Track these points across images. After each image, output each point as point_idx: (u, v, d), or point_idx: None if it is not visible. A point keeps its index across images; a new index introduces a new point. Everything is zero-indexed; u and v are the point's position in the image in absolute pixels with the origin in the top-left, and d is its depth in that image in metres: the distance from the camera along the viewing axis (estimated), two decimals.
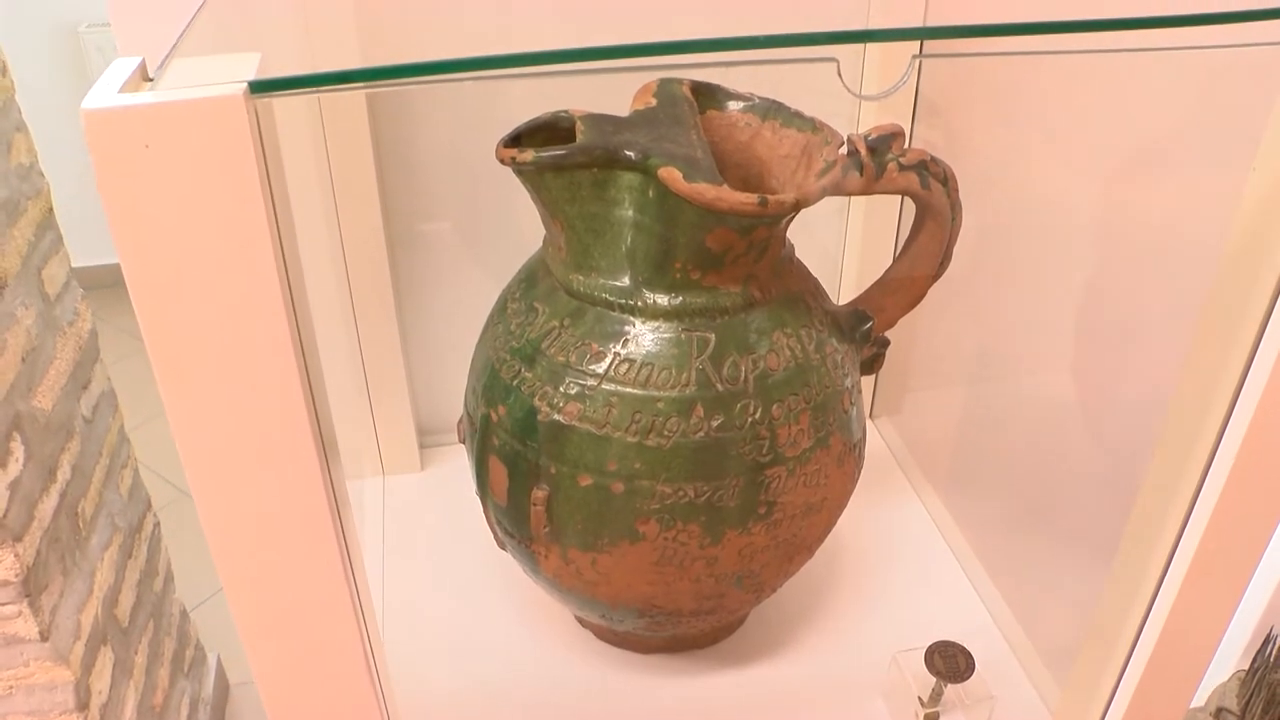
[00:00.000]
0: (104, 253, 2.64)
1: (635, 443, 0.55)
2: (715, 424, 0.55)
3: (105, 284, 1.40)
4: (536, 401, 0.58)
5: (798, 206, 0.53)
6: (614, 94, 0.60)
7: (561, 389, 0.57)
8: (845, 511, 0.81)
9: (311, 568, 0.42)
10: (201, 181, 0.29)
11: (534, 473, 0.58)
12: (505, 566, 0.76)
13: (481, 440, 0.62)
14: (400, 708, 0.53)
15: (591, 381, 0.56)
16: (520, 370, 0.59)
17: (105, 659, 1.25)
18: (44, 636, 1.10)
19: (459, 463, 0.75)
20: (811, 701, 0.72)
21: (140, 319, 0.32)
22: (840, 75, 0.35)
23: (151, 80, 0.29)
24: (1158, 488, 0.55)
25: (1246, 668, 1.40)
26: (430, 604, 0.78)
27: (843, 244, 0.89)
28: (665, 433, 0.55)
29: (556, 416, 0.57)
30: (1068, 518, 0.73)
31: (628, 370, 0.55)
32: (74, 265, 1.25)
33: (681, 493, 0.56)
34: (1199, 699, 1.50)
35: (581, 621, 0.75)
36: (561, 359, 0.57)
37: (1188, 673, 0.59)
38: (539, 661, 0.74)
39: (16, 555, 1.03)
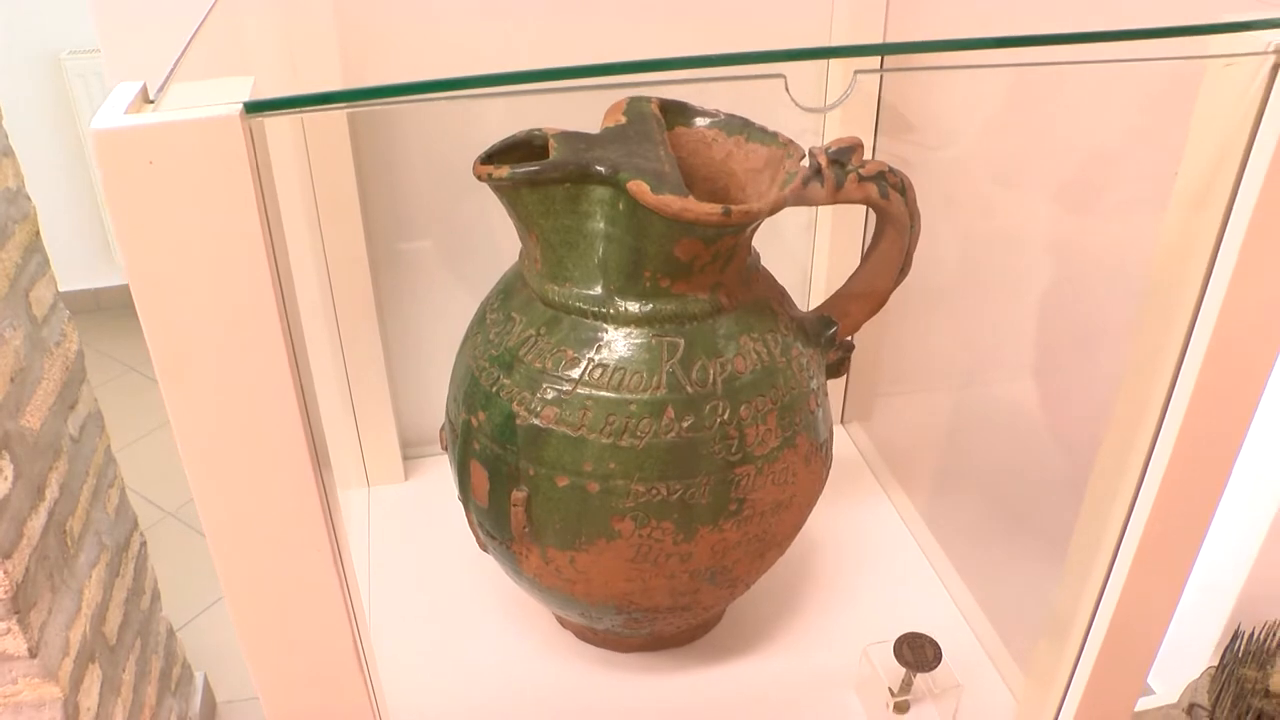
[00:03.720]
0: (86, 277, 2.66)
1: (610, 444, 0.58)
2: (686, 425, 0.58)
3: (88, 309, 1.42)
4: (515, 406, 0.60)
5: (760, 216, 0.56)
6: (588, 112, 0.63)
7: (539, 394, 0.59)
8: (817, 513, 0.84)
9: (306, 567, 0.45)
10: (201, 195, 0.32)
11: (513, 475, 0.61)
12: (487, 571, 0.79)
13: (463, 446, 0.64)
14: (389, 706, 0.55)
15: (567, 386, 0.59)
16: (499, 377, 0.61)
17: (93, 676, 1.26)
18: (33, 653, 1.11)
19: (441, 472, 0.78)
20: (786, 696, 0.74)
21: (144, 323, 0.34)
22: (788, 90, 0.38)
23: (153, 102, 0.32)
24: (1102, 485, 0.58)
25: (1217, 664, 1.43)
26: (414, 606, 0.80)
27: (811, 253, 0.92)
28: (638, 434, 0.58)
29: (534, 420, 0.59)
30: (1031, 516, 0.76)
31: (601, 375, 0.58)
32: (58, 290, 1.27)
33: (655, 491, 0.59)
34: (1172, 696, 1.53)
35: (562, 622, 0.78)
36: (538, 365, 0.60)
37: (1138, 656, 0.61)
38: (521, 662, 0.76)
39: (5, 572, 1.05)
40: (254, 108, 0.31)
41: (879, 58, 0.80)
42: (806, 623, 0.80)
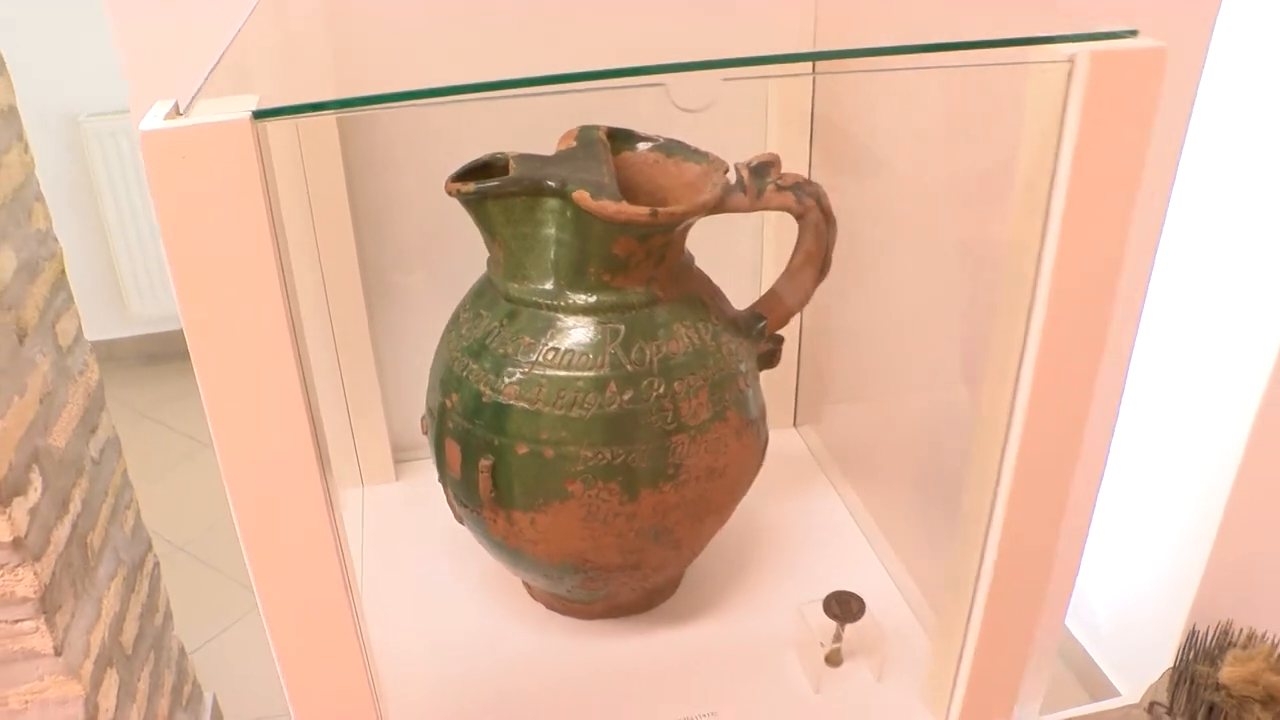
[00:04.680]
0: (102, 329, 2.78)
1: (561, 415, 0.68)
2: (626, 397, 0.68)
3: (103, 358, 1.53)
4: (482, 387, 0.70)
5: (681, 217, 0.66)
6: (544, 122, 0.74)
7: (502, 375, 0.70)
8: (768, 501, 0.94)
9: (314, 545, 0.55)
10: (220, 183, 0.42)
11: (481, 446, 0.71)
12: (466, 553, 0.88)
13: (439, 425, 0.75)
14: (380, 669, 0.65)
15: (525, 367, 0.69)
16: (469, 364, 0.72)
17: (111, 680, 1.35)
18: (58, 652, 1.20)
19: (428, 473, 0.87)
20: (732, 656, 0.83)
21: (176, 287, 0.45)
22: (670, 96, 0.49)
23: (183, 113, 0.43)
24: (980, 454, 0.67)
25: (1174, 664, 1.51)
26: (402, 585, 0.90)
27: (760, 260, 1.02)
28: (585, 406, 0.68)
29: (498, 398, 0.70)
30: (955, 496, 0.85)
31: (554, 357, 0.69)
32: None
33: (600, 456, 0.69)
34: (1135, 697, 1.61)
35: (533, 593, 0.87)
36: (501, 351, 0.70)
37: (1023, 599, 0.70)
38: (497, 632, 0.85)
39: (35, 574, 1.14)
40: (260, 115, 0.42)
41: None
42: (753, 593, 0.89)
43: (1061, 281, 0.57)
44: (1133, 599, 1.73)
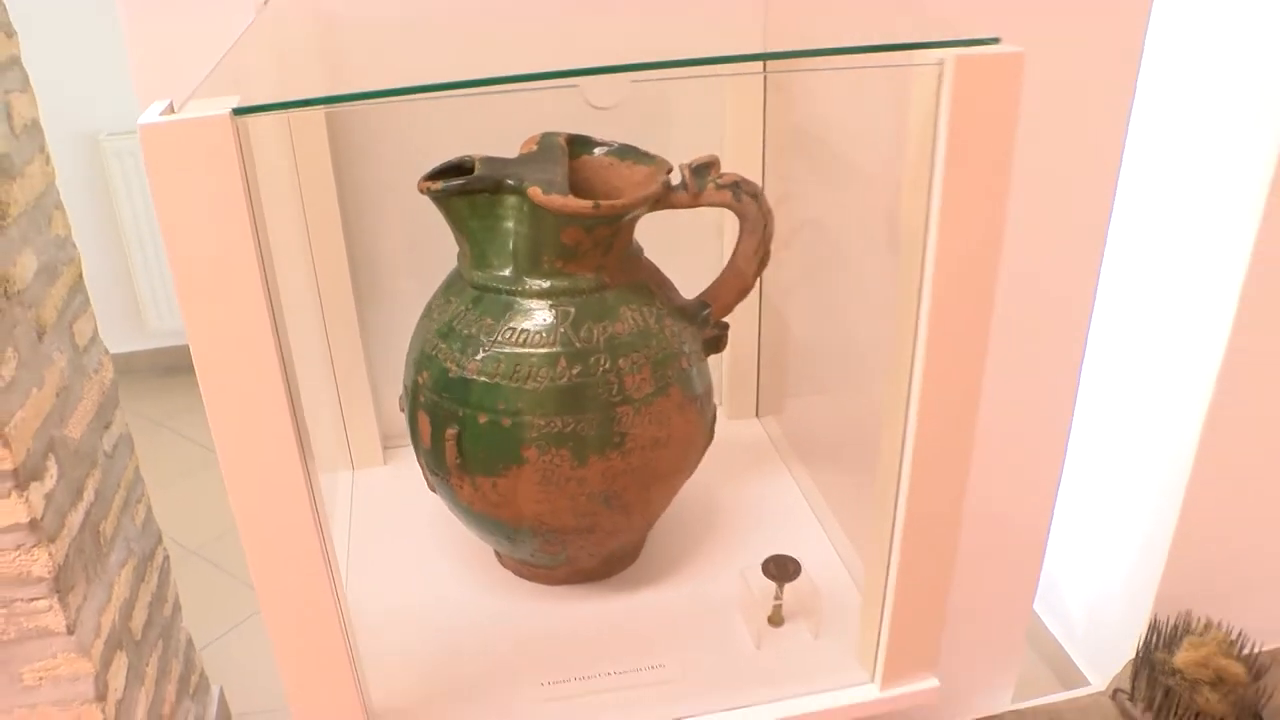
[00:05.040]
0: (120, 342, 2.88)
1: (517, 387, 0.76)
2: (575, 372, 0.76)
3: (120, 370, 1.62)
4: (449, 364, 0.79)
5: (622, 210, 0.75)
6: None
7: (466, 353, 0.78)
8: (725, 483, 1.02)
9: (295, 518, 0.63)
10: (206, 170, 0.51)
11: (448, 417, 0.79)
12: (444, 526, 0.96)
13: (412, 401, 0.83)
14: (360, 636, 0.73)
15: (487, 346, 0.77)
16: (439, 344, 0.80)
17: (120, 662, 1.43)
18: (70, 630, 1.28)
19: (413, 458, 0.95)
20: (683, 618, 0.91)
21: (172, 265, 0.53)
22: (584, 95, 0.57)
23: (175, 111, 0.51)
24: (888, 421, 0.75)
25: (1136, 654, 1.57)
26: (384, 556, 0.98)
27: (720, 256, 1.10)
28: (538, 379, 0.76)
29: (463, 373, 0.78)
30: None
31: (512, 335, 0.77)
32: None
33: (552, 424, 0.77)
34: (1101, 685, 1.67)
35: (502, 561, 0.95)
36: (467, 332, 0.79)
37: (933, 554, 0.78)
38: (470, 598, 0.93)
39: (50, 554, 1.23)
40: (239, 111, 0.50)
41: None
42: (706, 563, 0.96)
43: (944, 265, 0.65)
44: (1101, 594, 1.79)
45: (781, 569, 0.86)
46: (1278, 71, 1.25)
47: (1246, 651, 1.50)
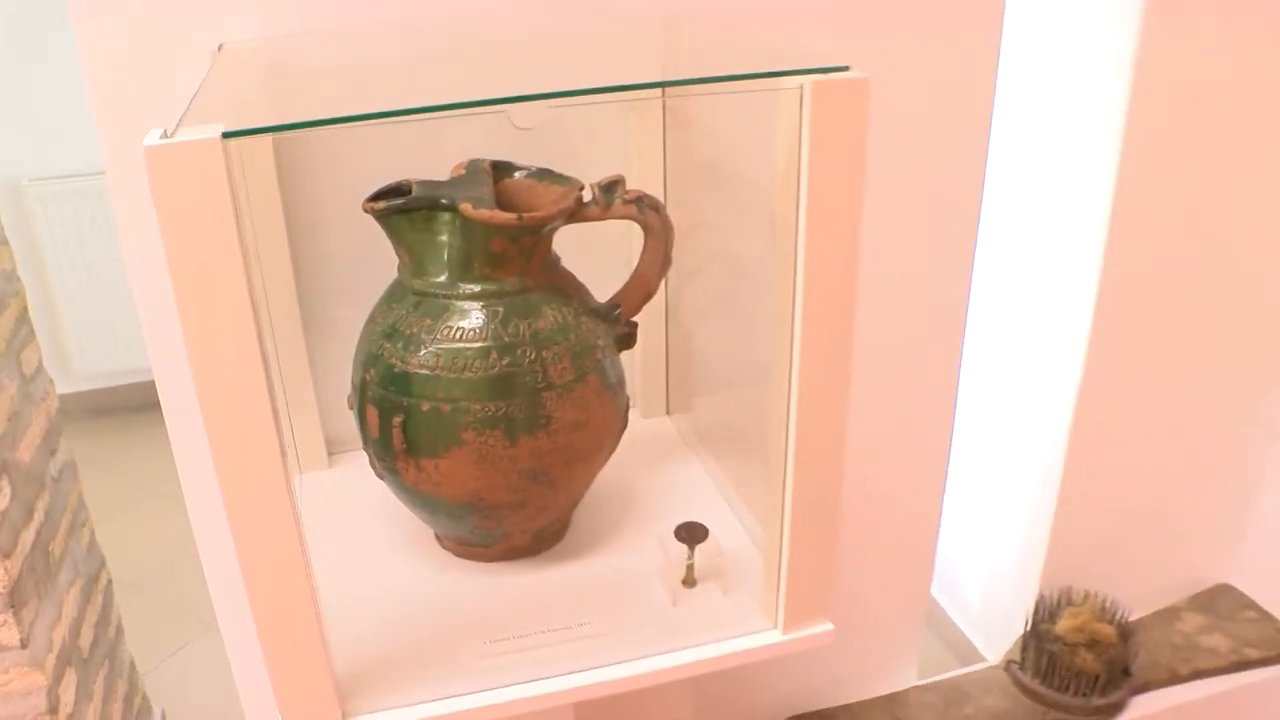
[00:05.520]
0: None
1: (455, 377, 0.88)
2: (505, 362, 0.88)
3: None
4: (394, 361, 0.90)
5: (540, 221, 0.87)
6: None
7: (409, 350, 0.89)
8: (640, 472, 1.14)
9: (276, 504, 0.74)
10: (201, 184, 0.62)
11: (393, 407, 0.90)
12: (386, 517, 1.06)
13: (361, 396, 0.94)
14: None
15: (427, 343, 0.89)
16: (384, 344, 0.91)
17: (70, 678, 1.49)
18: (24, 644, 1.35)
19: (356, 461, 1.05)
20: (607, 584, 1.02)
21: (171, 268, 0.64)
22: (510, 119, 0.69)
23: (169, 136, 0.62)
24: (775, 405, 0.88)
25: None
26: (332, 546, 1.08)
27: (629, 264, 1.23)
28: (473, 369, 0.88)
29: (406, 368, 0.89)
30: None
31: (449, 332, 0.88)
32: None
33: (486, 409, 0.88)
34: (996, 659, 1.82)
35: (441, 543, 1.05)
36: (409, 332, 0.90)
37: (820, 520, 0.91)
38: (413, 575, 1.03)
39: (5, 570, 1.30)
40: (227, 135, 0.61)
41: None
42: (625, 538, 1.08)
43: (812, 264, 0.79)
44: (993, 576, 1.95)
45: (691, 533, 0.99)
46: (1118, 88, 1.43)
47: (1118, 617, 1.67)
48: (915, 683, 1.80)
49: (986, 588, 1.98)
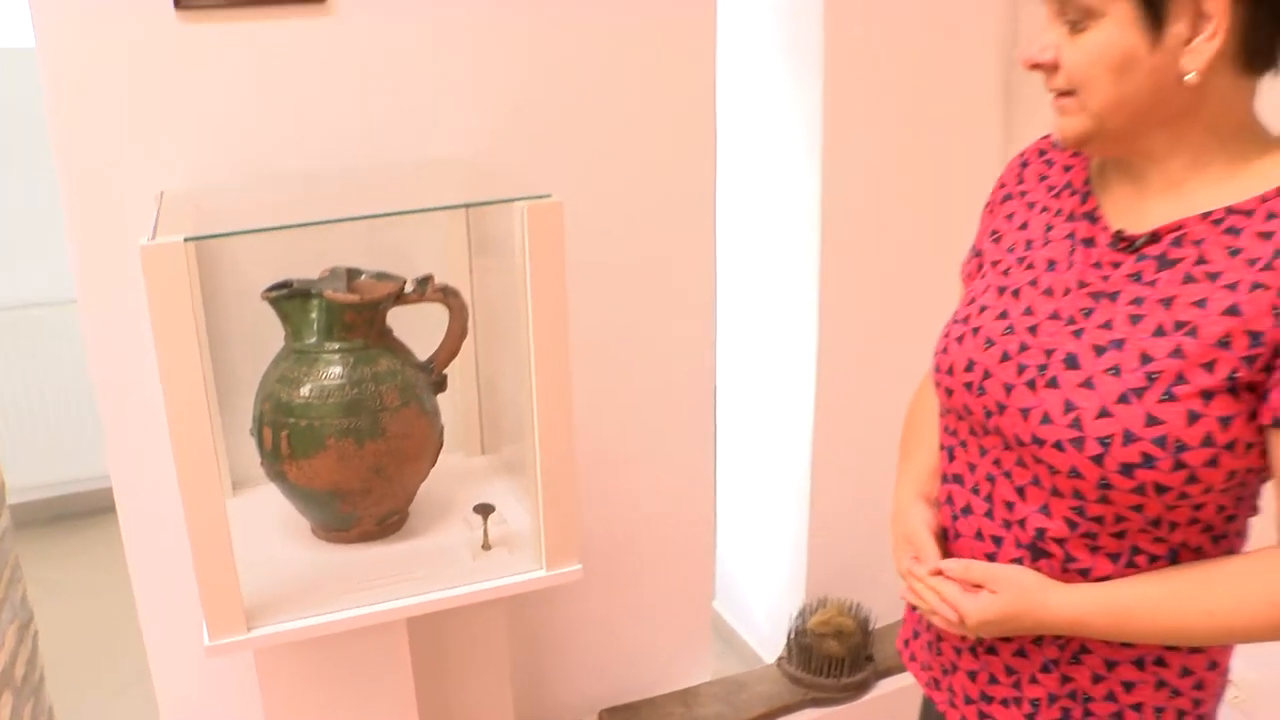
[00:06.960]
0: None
1: (321, 403, 1.36)
2: (354, 393, 1.37)
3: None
4: (283, 395, 1.38)
5: (373, 304, 1.38)
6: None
7: (293, 387, 1.37)
8: (458, 493, 1.61)
9: (214, 500, 1.20)
10: (173, 275, 1.11)
11: (281, 426, 1.37)
12: (273, 521, 1.51)
13: (259, 422, 1.41)
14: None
15: (305, 381, 1.37)
16: (276, 386, 1.39)
17: (7, 700, 1.84)
18: None
19: (254, 493, 1.49)
20: (432, 553, 1.48)
21: (156, 340, 1.11)
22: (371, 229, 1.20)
23: (152, 240, 1.11)
24: (529, 434, 1.39)
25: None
26: (237, 536, 1.52)
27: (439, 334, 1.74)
28: (334, 397, 1.36)
29: (290, 399, 1.37)
30: None
31: (319, 376, 1.37)
32: None
33: (341, 423, 1.36)
34: (772, 659, 2.29)
35: (315, 532, 1.51)
36: (293, 376, 1.38)
37: (560, 487, 1.40)
38: (295, 554, 1.48)
39: None
40: (189, 239, 1.11)
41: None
42: (444, 529, 1.55)
43: (539, 335, 1.31)
44: (767, 591, 2.45)
45: (484, 509, 1.47)
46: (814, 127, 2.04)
47: (858, 614, 2.17)
48: (706, 681, 2.26)
49: (763, 601, 2.47)
